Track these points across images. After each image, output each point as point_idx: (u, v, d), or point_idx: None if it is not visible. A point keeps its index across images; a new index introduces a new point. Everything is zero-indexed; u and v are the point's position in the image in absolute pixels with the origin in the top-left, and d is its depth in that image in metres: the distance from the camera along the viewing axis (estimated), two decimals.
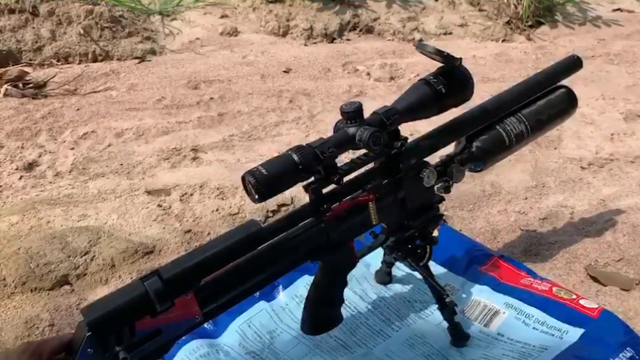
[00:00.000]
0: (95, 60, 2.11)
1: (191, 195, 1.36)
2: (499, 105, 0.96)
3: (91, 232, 1.19)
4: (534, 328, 0.95)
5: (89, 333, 0.64)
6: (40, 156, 1.51)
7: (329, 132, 0.78)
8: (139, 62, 2.12)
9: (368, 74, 2.08)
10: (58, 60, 2.08)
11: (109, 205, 1.31)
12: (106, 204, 1.32)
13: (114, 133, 1.63)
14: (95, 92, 1.89)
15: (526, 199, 1.40)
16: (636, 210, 1.34)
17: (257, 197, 0.72)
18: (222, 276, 0.72)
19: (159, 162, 1.50)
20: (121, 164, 1.48)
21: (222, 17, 2.47)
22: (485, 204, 1.38)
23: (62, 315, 1.04)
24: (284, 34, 2.39)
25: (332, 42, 2.38)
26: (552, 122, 1.00)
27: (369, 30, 2.46)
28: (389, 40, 2.42)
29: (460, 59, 0.83)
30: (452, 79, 0.84)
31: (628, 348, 0.89)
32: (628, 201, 1.38)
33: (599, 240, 1.24)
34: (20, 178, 1.41)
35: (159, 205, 1.31)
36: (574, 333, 0.92)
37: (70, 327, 1.01)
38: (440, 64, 0.84)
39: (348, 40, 2.41)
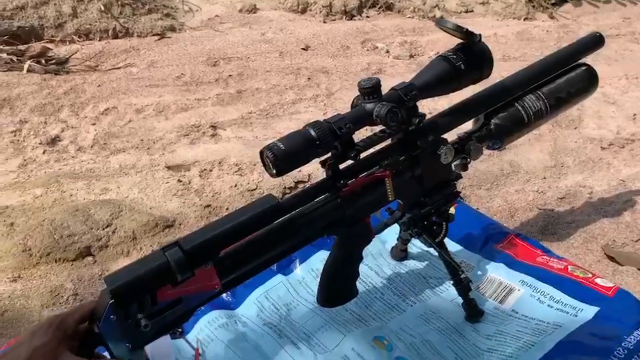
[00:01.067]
0: (115, 36, 2.12)
1: (210, 171, 1.37)
2: (518, 82, 0.95)
3: (113, 205, 1.22)
4: (548, 305, 0.95)
5: (112, 300, 0.66)
6: (62, 131, 1.54)
7: (346, 110, 0.78)
8: (159, 39, 2.13)
9: (387, 51, 2.07)
10: (79, 37, 2.10)
11: (130, 180, 1.33)
12: (127, 179, 1.34)
13: (134, 109, 1.65)
14: (115, 68, 1.91)
15: (545, 178, 1.39)
16: None
17: (274, 171, 0.72)
18: (240, 248, 0.73)
19: (179, 138, 1.51)
20: (142, 140, 1.50)
21: None
22: (504, 183, 1.38)
23: (85, 285, 1.08)
24: (303, 11, 2.38)
25: (351, 19, 2.37)
26: (572, 100, 0.99)
27: (388, 7, 2.44)
28: (409, 17, 2.40)
29: (480, 35, 0.82)
30: (471, 56, 0.83)
31: None
32: None
33: (617, 220, 1.23)
34: (44, 152, 1.44)
35: (179, 181, 1.33)
36: (588, 311, 0.92)
37: (93, 296, 1.04)
38: (460, 41, 0.84)
39: (367, 17, 2.39)
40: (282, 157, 0.71)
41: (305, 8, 2.38)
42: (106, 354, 0.70)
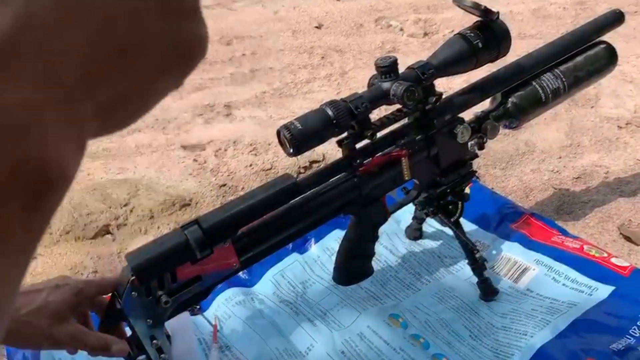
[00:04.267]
0: None
1: (225, 150, 1.38)
2: (536, 61, 0.94)
3: (130, 184, 1.23)
4: (563, 284, 0.95)
5: (133, 277, 0.67)
6: None
7: (360, 89, 0.78)
8: None
9: (401, 29, 2.05)
10: None
11: (147, 159, 1.34)
12: (143, 158, 1.35)
13: None
14: None
15: (560, 158, 1.38)
16: None
17: (291, 150, 0.73)
18: (258, 227, 0.74)
19: (193, 117, 1.52)
20: (157, 120, 1.51)
21: None
22: (519, 162, 1.37)
23: (104, 262, 1.09)
24: None
25: None
26: (590, 79, 0.98)
27: None
28: None
29: (498, 12, 0.82)
30: (489, 34, 0.82)
31: None
32: None
33: (633, 200, 1.23)
34: None
35: (195, 160, 1.34)
36: (604, 290, 0.92)
37: (112, 274, 1.06)
38: (477, 18, 0.83)
39: None
40: (299, 136, 0.72)
41: None
42: (128, 330, 0.72)
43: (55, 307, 0.66)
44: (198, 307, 0.92)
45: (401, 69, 0.79)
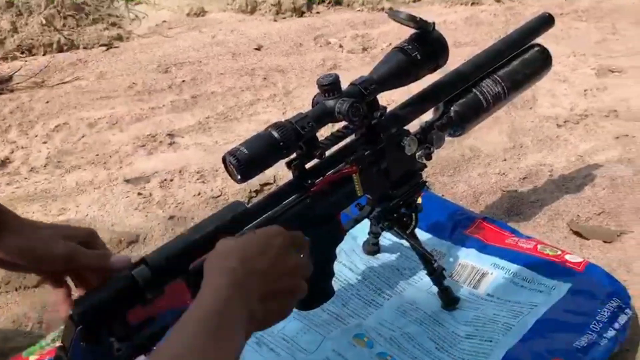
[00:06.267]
0: (60, 50, 2.05)
1: (171, 181, 1.34)
2: (475, 68, 0.95)
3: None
4: (522, 286, 0.96)
5: (80, 326, 0.63)
6: (12, 152, 1.48)
7: (305, 108, 0.77)
8: (106, 49, 2.07)
9: (340, 46, 2.06)
10: (22, 53, 2.02)
11: (89, 197, 1.29)
12: (85, 196, 1.29)
13: (86, 123, 1.59)
14: (63, 83, 1.84)
15: (505, 160, 1.41)
16: (613, 163, 1.36)
17: (239, 177, 0.71)
18: None
19: (135, 149, 1.47)
20: (97, 155, 1.45)
21: None
22: (465, 167, 1.39)
23: (50, 312, 1.03)
24: (252, 11, 2.36)
25: (301, 16, 2.35)
26: (528, 81, 1.00)
27: (337, 1, 2.44)
28: (359, 10, 2.40)
29: (434, 23, 0.82)
30: (426, 45, 0.83)
31: (614, 298, 0.91)
32: (605, 155, 1.40)
33: (579, 195, 1.26)
34: None
35: (139, 194, 1.29)
36: (561, 288, 0.94)
37: (61, 323, 1.00)
38: (414, 30, 0.84)
39: (317, 13, 2.38)
40: (246, 162, 0.70)
41: (254, 8, 2.36)
42: None
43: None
44: (155, 348, 0.88)
45: (344, 84, 0.79)
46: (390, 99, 1.40)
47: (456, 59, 0.95)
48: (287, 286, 0.63)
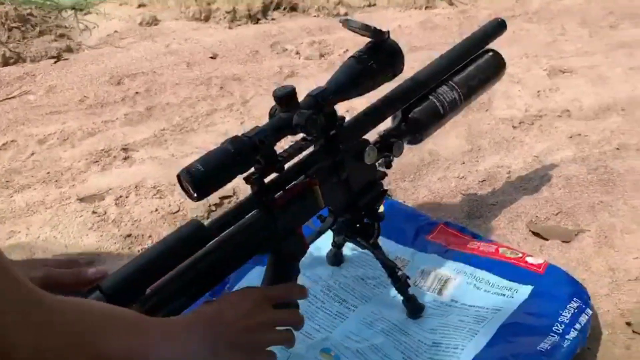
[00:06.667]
0: (6, 64, 1.97)
1: (127, 197, 1.30)
2: (430, 75, 0.96)
3: (23, 249, 1.12)
4: (485, 291, 0.97)
5: None
6: None
7: (264, 117, 0.75)
8: (55, 62, 2.00)
9: (297, 53, 2.05)
10: None
11: (40, 218, 1.24)
12: (36, 217, 1.24)
13: (36, 140, 1.53)
14: (10, 98, 1.77)
15: (464, 163, 1.42)
16: (568, 163, 1.39)
17: (195, 195, 0.68)
18: (167, 282, 0.68)
19: (89, 166, 1.42)
20: (48, 172, 1.40)
21: (139, 6, 2.36)
22: (426, 172, 1.39)
23: None
24: (206, 19, 2.32)
25: (257, 23, 2.33)
26: (484, 86, 1.01)
27: (293, 7, 2.42)
28: (315, 16, 2.39)
29: (388, 32, 0.82)
30: (382, 54, 0.82)
31: (575, 298, 0.92)
32: (560, 155, 1.42)
33: (536, 196, 1.28)
34: None
35: (94, 212, 1.24)
36: (523, 291, 0.94)
37: None
38: (369, 39, 0.83)
39: (273, 19, 2.36)
40: (202, 180, 0.68)
41: (208, 15, 2.32)
42: None
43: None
44: None
45: (303, 92, 0.77)
46: (350, 106, 1.39)
47: (413, 64, 0.95)
48: (256, 340, 0.68)
